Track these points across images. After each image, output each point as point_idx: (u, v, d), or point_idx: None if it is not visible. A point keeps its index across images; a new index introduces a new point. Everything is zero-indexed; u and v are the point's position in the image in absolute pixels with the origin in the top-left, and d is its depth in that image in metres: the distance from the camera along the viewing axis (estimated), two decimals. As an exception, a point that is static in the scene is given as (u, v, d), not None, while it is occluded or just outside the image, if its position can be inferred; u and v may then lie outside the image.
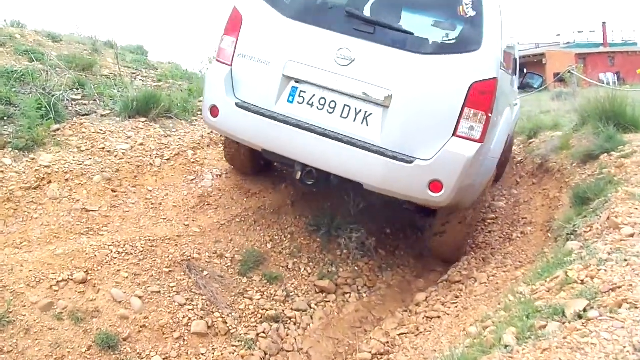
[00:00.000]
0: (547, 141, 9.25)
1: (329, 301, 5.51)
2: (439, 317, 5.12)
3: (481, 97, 4.71)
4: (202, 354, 4.52)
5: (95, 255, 4.72)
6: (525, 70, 8.28)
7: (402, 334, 5.02)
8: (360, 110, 4.89)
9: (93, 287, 4.51)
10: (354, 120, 4.90)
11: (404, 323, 5.26)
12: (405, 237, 7.08)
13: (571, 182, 6.81)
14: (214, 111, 5.22)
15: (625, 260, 3.66)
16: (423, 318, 5.21)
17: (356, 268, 6.06)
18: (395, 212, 7.36)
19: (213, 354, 4.56)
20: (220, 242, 5.55)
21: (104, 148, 5.96)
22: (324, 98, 4.96)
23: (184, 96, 7.68)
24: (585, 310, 3.13)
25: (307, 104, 4.99)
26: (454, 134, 4.72)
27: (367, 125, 4.87)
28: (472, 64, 4.79)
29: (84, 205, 5.28)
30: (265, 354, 4.71)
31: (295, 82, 5.03)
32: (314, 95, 4.98)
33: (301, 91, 5.01)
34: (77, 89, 7.12)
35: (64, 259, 4.58)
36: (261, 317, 5.03)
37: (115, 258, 4.80)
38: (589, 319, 3.02)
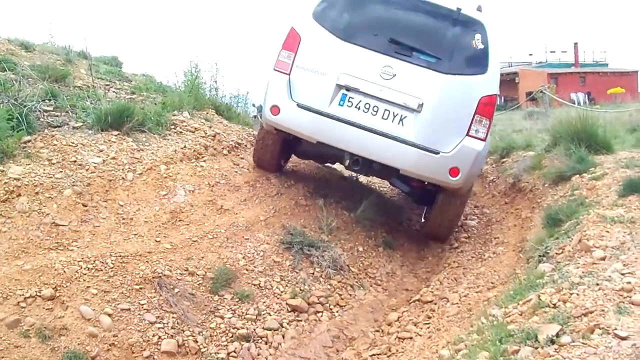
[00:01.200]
0: (519, 161, 9.35)
1: (300, 320, 5.46)
2: (411, 337, 5.10)
3: (486, 107, 6.36)
4: (172, 374, 4.46)
5: (64, 271, 4.62)
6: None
7: (374, 354, 4.99)
8: (397, 114, 6.32)
9: (61, 303, 4.42)
10: (392, 121, 6.31)
11: (376, 343, 5.24)
12: (378, 255, 7.07)
13: (543, 203, 6.88)
14: (275, 110, 6.42)
15: (597, 284, 3.68)
16: (395, 338, 5.20)
17: (328, 286, 6.03)
18: (368, 230, 7.37)
19: (183, 373, 4.51)
20: (191, 259, 5.48)
21: (75, 161, 5.86)
22: (368, 103, 6.33)
23: (158, 109, 7.58)
24: (557, 335, 3.14)
25: (355, 107, 6.34)
26: (467, 134, 6.30)
27: (403, 125, 6.31)
28: (481, 83, 6.42)
29: (53, 219, 5.17)
30: (236, 373, 4.66)
31: (346, 90, 6.36)
32: (361, 101, 6.34)
33: (350, 97, 6.35)
34: (50, 100, 7.01)
35: (32, 274, 4.48)
36: (232, 336, 4.96)
37: (85, 274, 4.71)
38: (562, 345, 3.03)
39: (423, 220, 8.16)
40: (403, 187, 7.71)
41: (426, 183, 7.03)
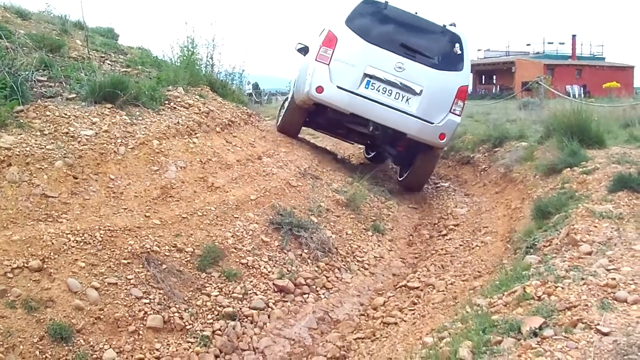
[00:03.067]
0: (511, 151, 9.39)
1: (286, 301, 5.48)
2: (395, 323, 5.13)
3: (462, 93, 9.09)
4: (157, 349, 4.45)
5: (53, 243, 4.62)
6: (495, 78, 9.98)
7: (359, 338, 5.02)
8: (405, 96, 8.87)
9: (49, 275, 4.41)
10: (401, 100, 8.87)
11: (361, 327, 5.27)
12: (366, 239, 7.10)
13: (533, 194, 6.90)
14: (319, 90, 8.78)
15: (582, 279, 3.71)
16: (380, 323, 5.23)
17: (316, 268, 6.06)
18: (357, 213, 7.40)
19: (168, 349, 4.50)
20: (180, 235, 5.48)
21: (67, 133, 5.81)
22: (385, 87, 8.83)
23: (152, 84, 7.51)
24: (540, 328, 3.17)
25: (376, 90, 8.83)
26: (449, 111, 8.98)
27: (409, 103, 8.87)
28: (459, 76, 9.17)
29: (43, 190, 5.13)
30: (220, 351, 4.65)
31: (369, 77, 8.81)
32: (380, 85, 8.83)
33: (372, 82, 8.83)
34: (44, 70, 6.95)
35: (20, 245, 4.47)
36: (218, 314, 4.97)
37: (73, 247, 4.70)
38: (544, 338, 3.06)
39: (400, 178, 10.51)
40: (391, 151, 10.40)
41: (405, 148, 9.69)
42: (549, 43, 55.69)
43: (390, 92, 8.81)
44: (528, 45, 57.55)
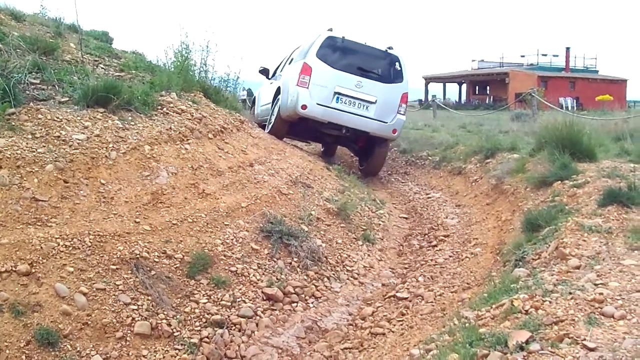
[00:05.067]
0: (503, 162, 9.39)
1: (275, 309, 5.48)
2: (383, 333, 5.13)
3: (404, 99, 12.02)
4: (144, 356, 4.44)
5: (42, 247, 4.60)
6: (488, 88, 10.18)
7: (346, 348, 5.01)
8: (364, 105, 11.56)
9: (37, 280, 4.40)
10: (362, 109, 11.57)
11: (349, 337, 5.26)
12: (356, 248, 7.10)
13: (524, 206, 6.92)
14: (304, 107, 11.23)
15: (570, 293, 3.73)
16: (368, 334, 5.22)
17: (305, 277, 6.06)
18: (348, 222, 7.40)
19: (155, 356, 4.49)
20: (170, 241, 5.47)
21: (59, 136, 5.78)
22: (350, 100, 11.50)
23: (146, 89, 7.48)
24: (527, 342, 3.17)
25: (343, 103, 11.47)
26: (397, 112, 11.83)
27: (368, 110, 11.60)
28: (401, 86, 12.04)
29: (33, 194, 5.10)
30: (208, 359, 4.65)
31: (338, 94, 11.43)
32: (346, 99, 11.48)
33: (340, 97, 11.45)
34: (37, 73, 6.92)
35: (9, 249, 4.46)
36: (206, 322, 4.96)
37: (62, 251, 4.69)
38: (530, 352, 3.06)
39: (361, 167, 13.05)
40: (354, 146, 13.17)
41: (365, 143, 12.42)
42: (543, 55, 55.74)
43: (354, 103, 11.56)
44: (522, 56, 57.54)
